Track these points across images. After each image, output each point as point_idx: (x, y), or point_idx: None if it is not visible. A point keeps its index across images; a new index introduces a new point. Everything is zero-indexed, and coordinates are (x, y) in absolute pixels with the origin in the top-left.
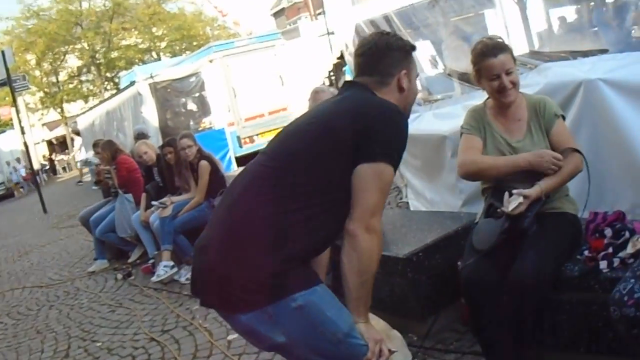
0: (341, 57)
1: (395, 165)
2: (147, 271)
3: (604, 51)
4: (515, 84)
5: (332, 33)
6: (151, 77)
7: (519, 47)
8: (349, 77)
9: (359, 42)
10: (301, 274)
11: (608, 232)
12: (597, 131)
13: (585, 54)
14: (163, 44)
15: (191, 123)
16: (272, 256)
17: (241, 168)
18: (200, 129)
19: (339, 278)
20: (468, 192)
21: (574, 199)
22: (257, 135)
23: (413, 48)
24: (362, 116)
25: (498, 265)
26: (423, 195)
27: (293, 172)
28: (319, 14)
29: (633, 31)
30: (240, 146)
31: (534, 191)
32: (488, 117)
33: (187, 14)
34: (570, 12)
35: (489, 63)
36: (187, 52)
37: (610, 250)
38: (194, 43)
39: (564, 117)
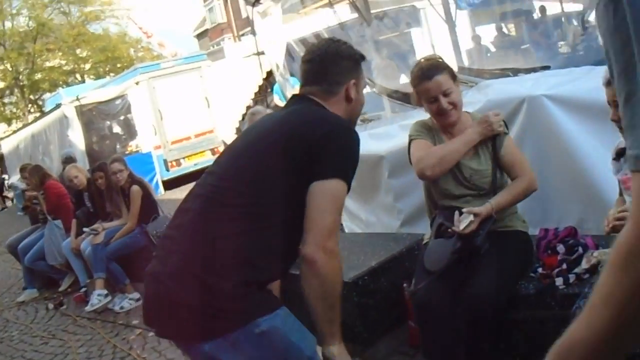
0: (267, 77)
1: (349, 182)
2: (80, 300)
3: (545, 67)
4: (455, 105)
5: (262, 53)
6: (77, 99)
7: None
8: (276, 97)
9: (307, 49)
10: (263, 298)
11: (561, 248)
12: (541, 147)
13: (527, 70)
14: (87, 66)
15: (118, 146)
16: (232, 281)
17: (169, 192)
18: (127, 152)
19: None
20: (407, 212)
21: (523, 216)
22: (183, 158)
23: (362, 57)
24: (311, 133)
25: (450, 287)
26: (358, 216)
27: (245, 192)
28: (242, 35)
29: (559, 47)
30: (167, 170)
31: (484, 209)
32: (438, 131)
33: (112, 35)
34: (499, 30)
35: (425, 86)
36: (112, 74)
37: (565, 266)
38: (118, 65)
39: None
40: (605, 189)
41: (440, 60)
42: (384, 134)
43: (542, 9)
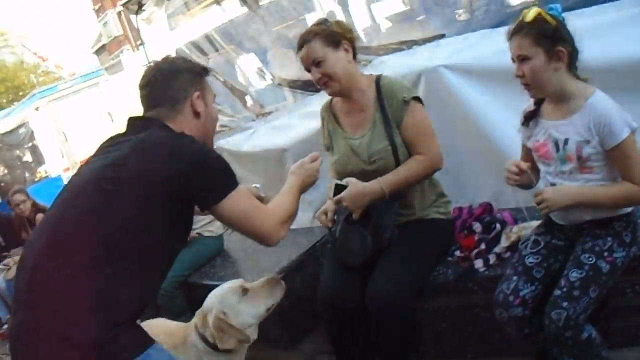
0: None
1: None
2: (4, 337)
3: (440, 36)
4: (329, 75)
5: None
6: None
7: None
8: None
9: (142, 75)
10: (131, 337)
11: (477, 226)
12: (446, 121)
13: (422, 42)
14: None
15: (27, 175)
16: (95, 323)
17: None
18: (36, 179)
19: None
20: (317, 203)
21: (448, 204)
22: None
23: (205, 70)
24: (177, 165)
25: (357, 284)
26: None
27: (105, 230)
28: (140, 44)
29: (458, 15)
30: None
31: (369, 184)
32: (335, 110)
33: (9, 64)
34: (394, 4)
35: (299, 57)
36: (15, 103)
37: (483, 246)
38: (20, 93)
39: (420, 100)
40: (517, 156)
41: (321, 24)
42: (285, 126)
43: None
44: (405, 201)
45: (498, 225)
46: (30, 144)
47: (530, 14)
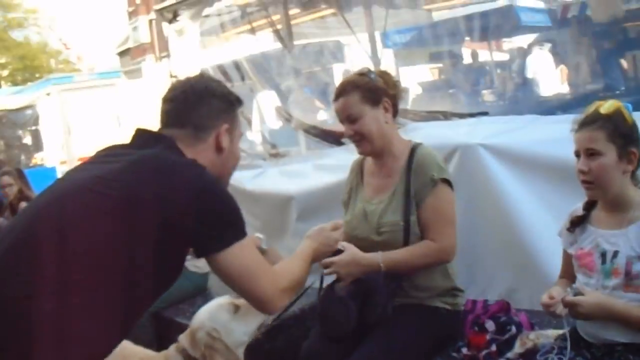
0: None
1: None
2: None
3: (483, 113)
4: (362, 135)
5: (176, 77)
6: None
7: None
8: None
9: (169, 86)
10: None
11: (490, 325)
12: (473, 202)
13: (462, 115)
14: (5, 72)
15: (23, 157)
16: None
17: None
18: (31, 164)
19: None
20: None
21: (459, 297)
22: None
23: (239, 101)
24: (180, 195)
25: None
26: None
27: (70, 258)
28: (164, 56)
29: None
30: None
31: (369, 255)
32: (364, 167)
33: (33, 43)
34: (424, 72)
35: (335, 107)
36: (29, 83)
37: (494, 348)
38: (37, 74)
39: (449, 183)
40: (541, 256)
41: (364, 75)
42: (296, 173)
43: (474, 54)
44: (411, 282)
45: (514, 328)
46: (33, 128)
47: (608, 106)
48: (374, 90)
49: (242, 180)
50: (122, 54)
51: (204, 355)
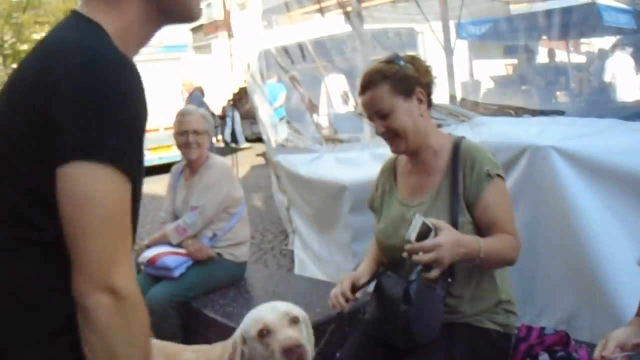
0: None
1: (124, 161)
2: None
3: (559, 112)
4: (395, 131)
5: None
6: None
7: (441, 95)
8: (258, 97)
9: None
10: None
11: (545, 358)
12: (537, 211)
13: (534, 112)
14: None
15: None
16: None
17: None
18: None
19: None
20: (363, 257)
21: (512, 315)
22: (148, 150)
23: None
24: (44, 79)
25: None
26: (311, 247)
27: None
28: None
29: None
30: None
31: (468, 237)
32: (397, 168)
33: None
34: (497, 66)
35: (361, 103)
36: None
37: None
38: None
39: (503, 178)
40: (609, 282)
41: (393, 63)
42: (352, 161)
43: (551, 51)
44: (452, 296)
45: None
46: None
47: None
48: (405, 80)
49: (297, 164)
50: (195, 29)
51: None
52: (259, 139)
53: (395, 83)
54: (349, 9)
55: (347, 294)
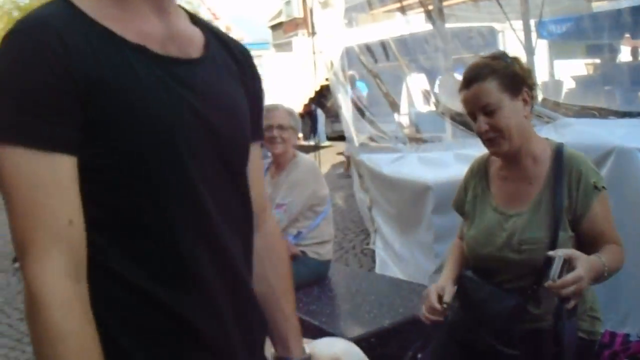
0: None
1: (28, 137)
2: None
3: None
4: (500, 131)
5: (320, 52)
6: None
7: None
8: (341, 95)
9: None
10: None
11: None
12: (621, 213)
13: (621, 114)
14: None
15: None
16: None
17: None
18: None
19: None
20: (445, 258)
21: (597, 321)
22: None
23: None
24: None
25: None
26: (392, 246)
27: None
28: (315, 33)
29: None
30: None
31: (590, 258)
32: (490, 170)
33: None
34: (579, 66)
35: (463, 97)
36: None
37: None
38: None
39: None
40: None
41: (500, 59)
42: (437, 161)
43: (634, 51)
44: (540, 304)
45: None
46: None
47: None
48: (513, 77)
49: (380, 163)
50: (274, 27)
51: None
52: (340, 137)
53: (503, 79)
54: (430, 7)
55: (436, 307)
